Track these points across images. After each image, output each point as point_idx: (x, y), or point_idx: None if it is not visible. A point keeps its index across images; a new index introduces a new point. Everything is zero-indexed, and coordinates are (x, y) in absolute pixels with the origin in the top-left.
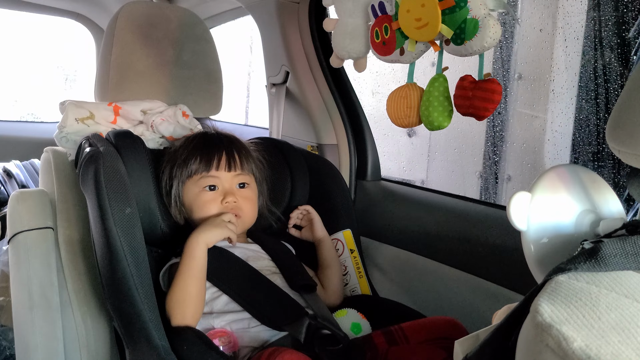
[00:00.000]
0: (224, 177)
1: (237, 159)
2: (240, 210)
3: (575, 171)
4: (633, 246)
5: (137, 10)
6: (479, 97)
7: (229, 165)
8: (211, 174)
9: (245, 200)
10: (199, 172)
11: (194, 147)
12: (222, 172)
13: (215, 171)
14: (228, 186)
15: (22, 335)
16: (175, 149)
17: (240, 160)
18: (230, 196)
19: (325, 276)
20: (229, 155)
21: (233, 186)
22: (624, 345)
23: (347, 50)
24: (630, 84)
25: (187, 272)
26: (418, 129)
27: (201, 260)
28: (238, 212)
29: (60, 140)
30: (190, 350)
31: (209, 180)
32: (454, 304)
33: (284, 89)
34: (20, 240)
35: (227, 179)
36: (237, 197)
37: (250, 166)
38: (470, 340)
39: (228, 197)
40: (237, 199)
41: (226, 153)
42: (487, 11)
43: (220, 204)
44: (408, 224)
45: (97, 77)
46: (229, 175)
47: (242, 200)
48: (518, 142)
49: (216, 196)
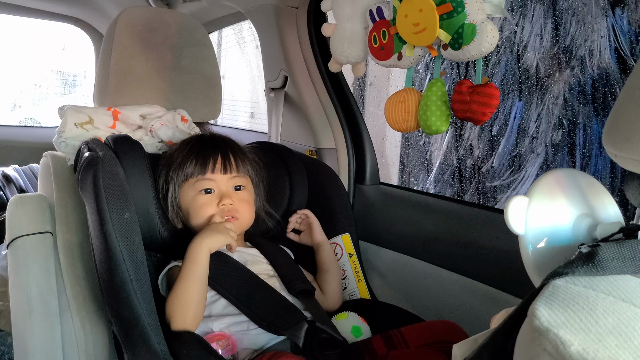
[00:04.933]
0: (220, 180)
1: (233, 161)
2: (236, 212)
3: (573, 175)
4: (630, 250)
5: (137, 16)
6: (477, 101)
7: (224, 168)
8: (207, 176)
9: (241, 202)
10: (194, 175)
11: (189, 150)
12: (218, 175)
13: (210, 174)
14: (224, 189)
15: (20, 340)
16: (171, 153)
17: (236, 162)
18: (226, 199)
19: (324, 280)
20: (225, 158)
21: (229, 189)
22: (621, 349)
23: (345, 55)
24: (626, 88)
25: (190, 277)
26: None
27: (204, 266)
28: (235, 214)
29: (59, 145)
30: (189, 354)
31: (204, 184)
32: (452, 308)
33: (282, 94)
34: (19, 244)
35: (223, 182)
36: (234, 200)
37: (246, 168)
38: (469, 344)
39: (224, 199)
40: (233, 202)
41: (221, 155)
42: (485, 16)
43: (216, 207)
44: (407, 228)
45: (96, 82)
46: (224, 177)
47: (238, 203)
48: (372, 134)
49: (212, 199)
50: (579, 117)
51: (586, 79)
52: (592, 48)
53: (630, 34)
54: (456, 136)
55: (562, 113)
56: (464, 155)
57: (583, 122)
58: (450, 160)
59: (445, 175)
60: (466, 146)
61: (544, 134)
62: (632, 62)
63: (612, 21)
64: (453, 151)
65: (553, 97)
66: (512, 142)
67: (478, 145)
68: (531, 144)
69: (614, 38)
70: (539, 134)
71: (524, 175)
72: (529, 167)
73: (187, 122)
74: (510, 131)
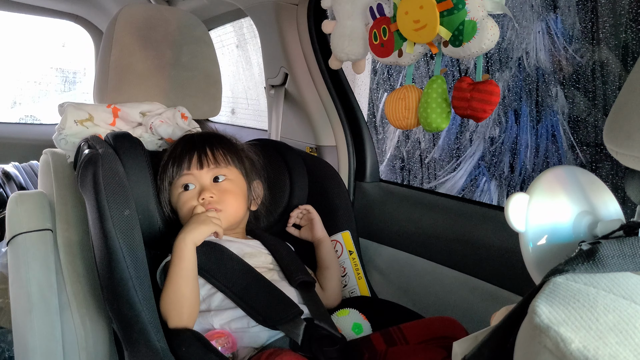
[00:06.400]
0: (198, 175)
1: (210, 154)
2: (218, 203)
3: (573, 173)
4: (631, 247)
5: (136, 13)
6: (477, 98)
7: (200, 163)
8: (184, 172)
9: (223, 193)
10: (175, 175)
11: (169, 153)
12: (195, 171)
13: (187, 170)
14: (203, 182)
15: (21, 337)
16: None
17: (214, 155)
18: (205, 192)
19: (324, 277)
20: (200, 153)
21: (209, 181)
22: (622, 347)
23: (345, 52)
24: (627, 85)
25: (178, 275)
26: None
27: (191, 261)
28: (216, 206)
29: (59, 142)
30: (188, 351)
31: (183, 179)
32: (452, 305)
33: (282, 91)
34: (19, 242)
35: (202, 176)
36: (214, 192)
37: (230, 159)
38: (469, 341)
39: (204, 193)
40: (214, 194)
41: (197, 152)
42: (485, 13)
43: (198, 201)
44: (407, 226)
45: (96, 79)
46: (202, 172)
47: (219, 194)
48: None
49: (193, 194)
50: (511, 113)
51: (522, 77)
52: (527, 50)
53: (565, 35)
54: (407, 132)
55: (500, 108)
56: (411, 147)
57: (517, 118)
58: (400, 152)
59: (396, 164)
60: (413, 139)
61: (482, 128)
62: (564, 62)
63: (546, 24)
64: (403, 144)
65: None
66: (452, 136)
67: (423, 139)
68: (470, 137)
69: (549, 39)
70: (477, 128)
71: (460, 167)
72: (467, 158)
73: (187, 119)
74: (451, 125)
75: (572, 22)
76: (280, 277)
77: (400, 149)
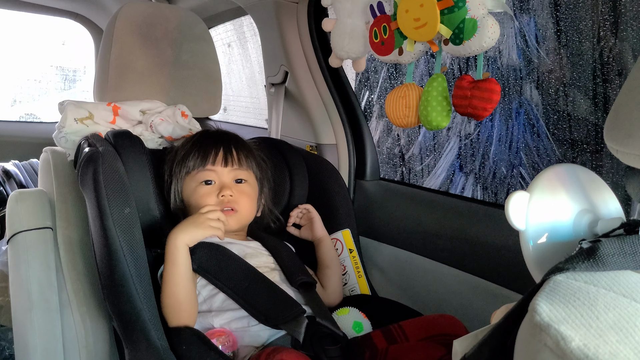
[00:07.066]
0: (221, 172)
1: (235, 154)
2: (236, 204)
3: (574, 171)
4: (631, 246)
5: (136, 11)
6: (478, 96)
7: (225, 160)
8: (207, 168)
9: (242, 194)
10: (196, 167)
11: (192, 144)
12: (219, 167)
13: (211, 165)
14: (225, 180)
15: (21, 336)
16: (177, 148)
17: (239, 155)
18: (226, 190)
19: (325, 276)
20: (226, 151)
21: (230, 181)
22: (622, 345)
23: (346, 50)
24: (627, 84)
25: (173, 279)
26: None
27: (183, 265)
28: (234, 205)
29: (59, 140)
30: (189, 350)
31: (205, 175)
32: (452, 304)
33: (283, 89)
34: (19, 240)
35: (224, 174)
36: (234, 191)
37: (249, 163)
38: (469, 339)
39: (224, 190)
40: (233, 193)
41: (223, 148)
42: (486, 11)
43: (216, 198)
44: (407, 224)
45: (96, 77)
46: (225, 170)
47: (238, 195)
48: None
49: (212, 190)
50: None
51: (494, 76)
52: (500, 49)
53: (537, 36)
54: (388, 129)
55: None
56: (392, 143)
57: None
58: (382, 148)
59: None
60: (394, 135)
61: (458, 125)
62: (536, 61)
63: (519, 25)
64: (384, 140)
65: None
66: (429, 133)
67: (403, 135)
68: (447, 134)
69: (522, 40)
70: (454, 125)
71: (436, 163)
72: (443, 154)
73: (187, 117)
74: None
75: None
76: (281, 279)
77: (381, 145)
